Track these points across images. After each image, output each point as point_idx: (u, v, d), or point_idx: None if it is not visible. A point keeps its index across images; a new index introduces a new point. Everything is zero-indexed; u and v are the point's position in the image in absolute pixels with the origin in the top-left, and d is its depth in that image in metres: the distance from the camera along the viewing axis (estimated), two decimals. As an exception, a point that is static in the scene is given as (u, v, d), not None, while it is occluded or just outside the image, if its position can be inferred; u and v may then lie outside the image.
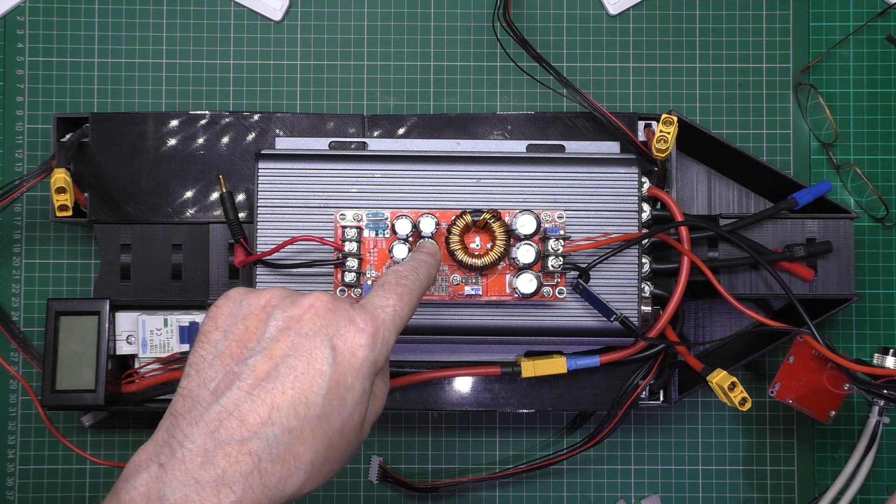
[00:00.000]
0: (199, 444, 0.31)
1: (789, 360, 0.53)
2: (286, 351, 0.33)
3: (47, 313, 0.52)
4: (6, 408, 0.59)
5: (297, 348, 0.33)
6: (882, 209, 0.60)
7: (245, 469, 0.30)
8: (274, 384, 0.32)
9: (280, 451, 0.31)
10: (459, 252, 0.47)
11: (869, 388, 0.49)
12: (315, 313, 0.34)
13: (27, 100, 0.60)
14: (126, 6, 0.60)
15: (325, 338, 0.33)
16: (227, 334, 0.34)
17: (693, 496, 0.59)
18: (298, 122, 0.55)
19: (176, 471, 0.30)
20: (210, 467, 0.30)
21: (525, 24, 0.60)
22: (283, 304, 0.35)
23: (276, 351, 0.33)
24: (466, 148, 0.53)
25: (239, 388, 0.32)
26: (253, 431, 0.31)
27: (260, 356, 0.33)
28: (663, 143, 0.51)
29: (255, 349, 0.33)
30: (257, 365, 0.33)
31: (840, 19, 0.61)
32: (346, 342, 0.34)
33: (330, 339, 0.34)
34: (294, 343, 0.33)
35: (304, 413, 0.32)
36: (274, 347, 0.33)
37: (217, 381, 0.33)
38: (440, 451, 0.59)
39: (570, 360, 0.52)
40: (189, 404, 0.32)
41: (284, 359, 0.33)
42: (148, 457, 0.31)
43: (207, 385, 0.33)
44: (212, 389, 0.32)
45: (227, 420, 0.31)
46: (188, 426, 0.31)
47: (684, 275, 0.51)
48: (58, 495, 0.58)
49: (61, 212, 0.49)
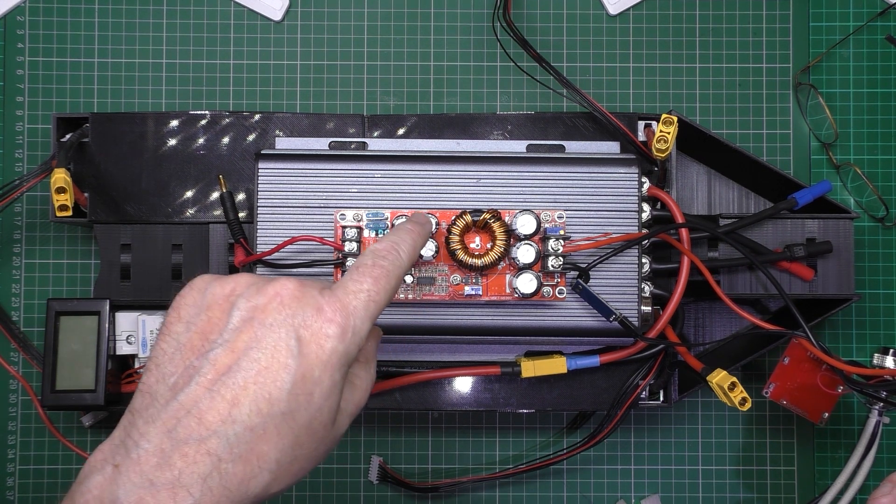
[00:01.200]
0: (156, 443, 0.29)
1: (784, 362, 0.53)
2: (248, 343, 0.31)
3: (47, 313, 0.52)
4: (6, 408, 0.59)
5: (260, 340, 0.31)
6: (882, 209, 0.60)
7: (203, 470, 0.29)
8: (235, 379, 0.30)
9: (241, 451, 0.30)
10: (459, 252, 0.47)
11: (862, 388, 0.49)
12: (280, 302, 0.32)
13: (27, 100, 0.60)
14: (126, 6, 0.60)
15: (289, 328, 0.31)
16: (190, 326, 0.32)
17: (693, 496, 0.59)
18: (298, 122, 0.55)
19: (130, 472, 0.29)
20: (166, 468, 0.29)
21: (525, 24, 0.60)
22: (247, 292, 0.33)
23: (239, 343, 0.31)
24: (466, 148, 0.53)
25: (198, 384, 0.30)
26: (212, 430, 0.29)
27: (221, 349, 0.31)
28: (663, 143, 0.51)
29: (216, 342, 0.31)
30: (218, 358, 0.31)
31: (840, 19, 0.61)
32: (313, 333, 0.31)
33: (295, 329, 0.31)
34: (257, 334, 0.31)
35: (266, 410, 0.30)
36: (236, 340, 0.31)
37: (176, 376, 0.31)
38: (440, 451, 0.59)
39: (570, 360, 0.52)
40: (147, 401, 0.31)
41: (246, 352, 0.31)
42: (104, 457, 0.30)
43: (166, 380, 0.31)
44: (170, 385, 0.31)
45: (184, 418, 0.29)
46: (144, 424, 0.30)
47: (684, 275, 0.51)
48: (58, 495, 0.58)
49: (61, 212, 0.49)
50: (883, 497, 0.43)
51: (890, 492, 0.43)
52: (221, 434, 0.29)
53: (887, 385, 0.49)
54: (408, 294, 0.49)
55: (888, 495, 0.43)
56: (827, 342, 0.60)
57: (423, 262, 0.48)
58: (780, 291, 0.51)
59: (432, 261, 0.48)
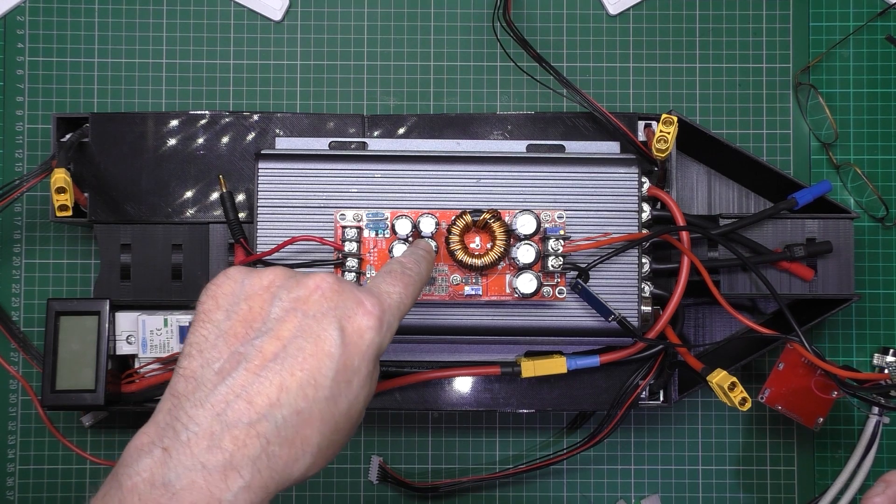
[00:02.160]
0: (205, 426, 0.30)
1: (779, 367, 0.53)
2: (294, 332, 0.32)
3: (47, 313, 0.52)
4: (6, 408, 0.59)
5: (305, 329, 0.32)
6: (882, 209, 0.60)
7: (253, 452, 0.29)
8: (282, 365, 0.31)
9: (288, 434, 0.30)
10: (459, 252, 0.47)
11: (856, 392, 0.50)
12: (322, 294, 0.33)
13: (27, 100, 0.60)
14: (126, 6, 0.60)
15: (333, 319, 0.33)
16: (230, 314, 0.33)
17: (693, 496, 0.59)
18: (298, 122, 0.55)
19: (181, 455, 0.29)
20: (217, 451, 0.29)
21: (525, 24, 0.60)
22: (287, 284, 0.34)
23: (284, 332, 0.32)
24: (466, 148, 0.53)
25: (246, 369, 0.31)
26: (261, 413, 0.30)
27: (266, 337, 0.32)
28: (663, 143, 0.51)
29: (260, 329, 0.33)
30: (264, 345, 0.32)
31: (840, 19, 0.61)
32: (354, 324, 0.33)
33: (338, 320, 0.33)
34: (301, 324, 0.32)
35: (312, 395, 0.31)
36: (280, 328, 0.32)
37: (222, 361, 0.32)
38: (440, 451, 0.59)
39: (570, 360, 0.52)
40: (192, 385, 0.31)
41: (292, 340, 0.32)
42: (150, 440, 0.30)
43: (211, 365, 0.32)
44: (216, 370, 0.32)
45: (234, 402, 0.30)
46: (192, 408, 0.30)
47: (684, 275, 0.51)
48: (58, 495, 0.58)
49: (61, 212, 0.49)
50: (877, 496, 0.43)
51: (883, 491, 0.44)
52: (270, 417, 0.30)
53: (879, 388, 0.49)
54: (408, 294, 0.49)
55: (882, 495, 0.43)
56: (827, 342, 0.60)
57: (423, 262, 0.48)
58: (773, 294, 0.51)
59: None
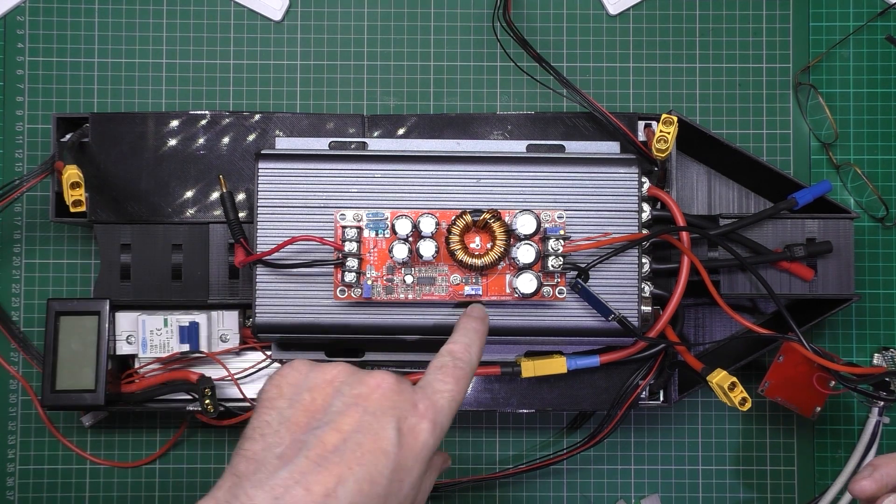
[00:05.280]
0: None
1: (779, 360, 0.53)
2: (354, 427, 0.34)
3: (47, 313, 0.52)
4: (6, 408, 0.59)
5: (365, 426, 0.34)
6: (882, 209, 0.60)
7: None
8: (341, 458, 0.32)
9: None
10: (459, 252, 0.47)
11: (856, 387, 0.50)
12: (382, 394, 0.35)
13: (27, 100, 0.60)
14: (126, 6, 0.60)
15: (392, 419, 0.34)
16: (294, 403, 0.35)
17: (693, 496, 0.59)
18: (298, 122, 0.55)
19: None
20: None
21: (525, 24, 0.60)
22: (350, 380, 0.36)
23: (344, 425, 0.34)
24: (466, 148, 0.53)
25: (306, 457, 0.32)
26: (317, 502, 0.31)
27: (328, 428, 0.33)
28: (663, 143, 0.51)
29: (322, 420, 0.34)
30: (325, 436, 0.33)
31: (840, 19, 0.61)
32: (410, 426, 0.35)
33: (397, 420, 0.34)
34: (362, 420, 0.34)
35: (368, 490, 0.32)
36: (341, 421, 0.34)
37: (283, 447, 0.33)
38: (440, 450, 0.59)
39: (570, 360, 0.52)
40: (253, 466, 0.33)
41: (352, 434, 0.33)
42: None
43: (273, 450, 0.33)
44: (277, 455, 0.33)
45: (293, 487, 0.31)
46: (252, 488, 0.31)
47: (684, 275, 0.51)
48: (58, 495, 0.58)
49: (75, 207, 0.49)
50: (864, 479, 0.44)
51: (871, 474, 0.44)
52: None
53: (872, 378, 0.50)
54: (408, 294, 0.49)
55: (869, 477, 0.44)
56: (827, 342, 0.60)
57: (423, 262, 0.48)
58: (770, 295, 0.51)
59: (432, 261, 0.48)
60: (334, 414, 0.34)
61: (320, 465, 0.32)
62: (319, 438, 0.33)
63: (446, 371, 0.38)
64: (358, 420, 0.34)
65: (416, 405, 0.35)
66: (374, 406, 0.35)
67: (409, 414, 0.35)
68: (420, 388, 0.37)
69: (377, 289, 0.49)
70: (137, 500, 0.59)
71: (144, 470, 0.59)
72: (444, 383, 0.37)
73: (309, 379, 0.36)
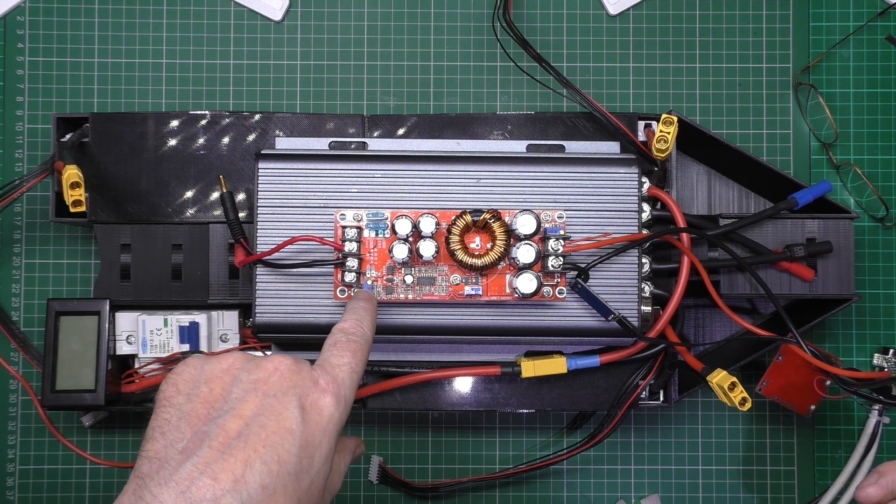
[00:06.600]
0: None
1: (778, 360, 0.53)
2: (255, 410, 0.34)
3: (47, 313, 0.52)
4: (6, 408, 0.59)
5: (266, 408, 0.34)
6: (882, 209, 0.60)
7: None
8: (245, 442, 0.32)
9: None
10: (459, 252, 0.47)
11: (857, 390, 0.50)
12: (280, 375, 0.35)
13: (27, 100, 0.60)
14: (126, 6, 0.60)
15: (293, 397, 0.34)
16: (191, 397, 0.35)
17: (693, 496, 0.59)
18: (298, 122, 0.55)
19: None
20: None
21: (525, 24, 0.60)
22: (246, 366, 0.36)
23: (245, 411, 0.33)
24: (466, 148, 0.53)
25: (209, 447, 0.32)
26: (226, 489, 0.31)
27: (229, 415, 0.33)
28: (663, 143, 0.51)
29: (222, 409, 0.34)
30: (227, 424, 0.33)
31: (840, 19, 0.61)
32: (312, 402, 0.35)
33: (298, 398, 0.34)
34: (262, 403, 0.34)
35: (276, 470, 0.32)
36: (242, 407, 0.34)
37: (185, 441, 0.33)
38: (440, 451, 0.59)
39: (570, 360, 0.52)
40: (156, 465, 0.32)
41: (254, 418, 0.33)
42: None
43: (175, 445, 0.33)
44: (180, 449, 0.32)
45: (198, 478, 0.31)
46: (157, 487, 0.31)
47: (684, 275, 0.51)
48: (58, 495, 0.58)
49: (75, 207, 0.49)
50: (870, 486, 0.44)
51: (877, 481, 0.44)
52: (235, 493, 0.31)
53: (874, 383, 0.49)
54: (408, 294, 0.49)
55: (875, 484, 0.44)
56: (827, 342, 0.60)
57: (423, 262, 0.48)
58: (769, 295, 0.51)
59: (432, 261, 0.48)
60: (234, 401, 0.34)
61: (225, 452, 0.32)
62: (221, 427, 0.33)
63: (341, 346, 0.39)
64: (259, 404, 0.34)
65: (317, 381, 0.35)
66: (274, 388, 0.34)
67: (310, 391, 0.35)
68: (318, 366, 0.37)
69: (377, 289, 0.49)
70: (137, 500, 0.59)
71: (144, 470, 0.59)
72: (340, 357, 0.38)
73: (205, 371, 0.36)
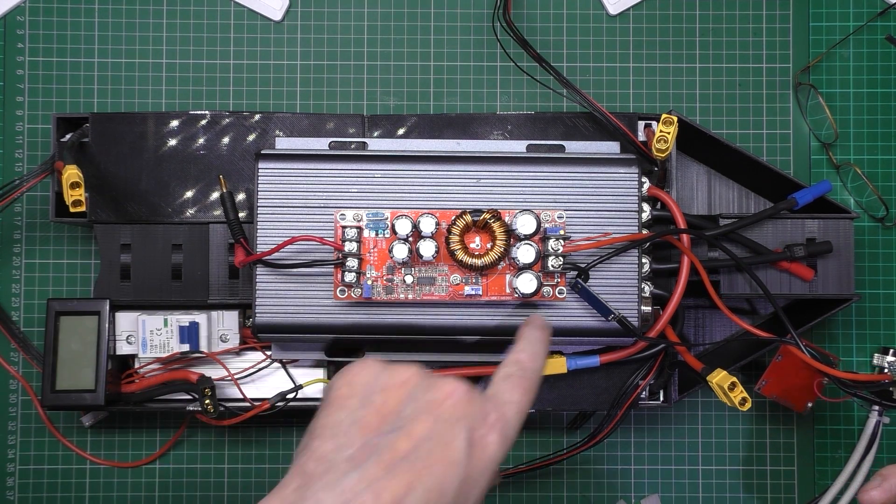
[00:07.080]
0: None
1: (778, 359, 0.53)
2: (425, 434, 0.33)
3: (47, 313, 0.52)
4: (6, 408, 0.59)
5: (437, 434, 0.33)
6: (882, 209, 0.60)
7: None
8: (411, 465, 0.31)
9: None
10: (459, 252, 0.47)
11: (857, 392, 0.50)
12: (454, 402, 0.34)
13: (27, 100, 0.60)
14: (126, 6, 0.60)
15: (463, 429, 0.33)
16: (365, 403, 0.34)
17: (693, 496, 0.59)
18: (298, 122, 0.55)
19: None
20: None
21: (525, 24, 0.60)
22: (423, 383, 0.35)
23: (416, 432, 0.33)
24: (466, 148, 0.53)
25: (377, 463, 0.31)
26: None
27: (399, 433, 0.33)
28: (663, 143, 0.51)
29: (394, 424, 0.33)
30: (396, 442, 0.32)
31: (840, 19, 0.61)
32: (480, 437, 0.34)
33: (468, 431, 0.33)
34: (434, 428, 0.33)
35: (435, 500, 0.31)
36: (413, 427, 0.33)
37: (354, 449, 0.32)
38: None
39: (570, 360, 0.52)
40: (323, 467, 0.32)
41: (423, 441, 0.32)
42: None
43: (343, 451, 0.32)
44: (347, 457, 0.32)
45: (362, 493, 0.30)
46: (321, 491, 0.31)
47: (684, 275, 0.51)
48: (58, 495, 0.58)
49: (75, 207, 0.49)
50: (873, 489, 0.44)
51: (880, 485, 0.44)
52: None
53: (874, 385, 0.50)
54: (408, 294, 0.49)
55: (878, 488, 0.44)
56: (827, 342, 0.60)
57: (423, 262, 0.48)
58: (767, 296, 0.51)
59: (432, 261, 0.48)
60: (406, 419, 0.33)
61: (390, 471, 0.31)
62: (391, 443, 0.32)
63: (514, 381, 0.37)
64: (430, 427, 0.33)
65: (487, 416, 0.34)
66: (447, 414, 0.33)
67: (479, 425, 0.34)
68: (489, 399, 0.36)
69: (377, 289, 0.49)
70: (137, 500, 0.59)
71: (144, 470, 0.59)
72: (512, 394, 0.37)
73: (381, 380, 0.35)
